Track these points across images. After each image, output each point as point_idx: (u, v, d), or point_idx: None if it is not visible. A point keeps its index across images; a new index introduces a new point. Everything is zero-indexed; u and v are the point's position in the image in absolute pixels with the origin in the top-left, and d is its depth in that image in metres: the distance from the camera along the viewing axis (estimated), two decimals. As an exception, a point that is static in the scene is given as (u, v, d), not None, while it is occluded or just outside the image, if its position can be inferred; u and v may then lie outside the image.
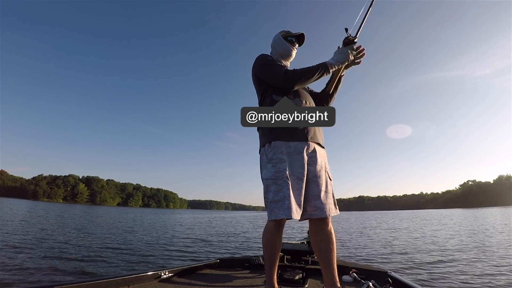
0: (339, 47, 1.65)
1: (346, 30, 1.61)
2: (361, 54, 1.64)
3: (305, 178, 1.48)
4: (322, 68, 1.54)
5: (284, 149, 1.50)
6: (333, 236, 1.52)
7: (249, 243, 8.30)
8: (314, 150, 1.55)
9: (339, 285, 1.47)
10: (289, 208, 1.39)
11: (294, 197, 1.43)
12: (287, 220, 1.51)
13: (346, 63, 1.60)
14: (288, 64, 1.81)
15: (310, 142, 1.54)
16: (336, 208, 1.55)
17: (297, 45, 1.79)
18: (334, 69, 1.58)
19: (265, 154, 1.55)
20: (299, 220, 1.49)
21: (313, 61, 1.61)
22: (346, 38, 1.62)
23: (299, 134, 1.52)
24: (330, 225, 1.52)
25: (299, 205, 1.44)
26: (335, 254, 1.51)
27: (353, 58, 1.61)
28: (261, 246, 1.61)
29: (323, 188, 1.51)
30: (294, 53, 1.77)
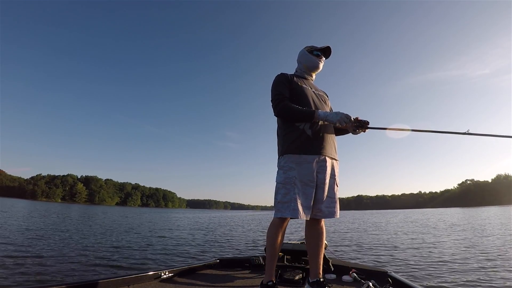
0: (356, 117, 1.73)
1: (366, 122, 1.73)
2: (359, 131, 1.78)
3: (315, 184, 1.66)
4: (308, 115, 1.66)
5: (295, 159, 1.68)
6: (323, 233, 1.77)
7: (249, 243, 8.27)
8: (324, 160, 1.70)
9: (320, 276, 1.71)
10: (294, 209, 1.60)
11: (300, 200, 1.62)
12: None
13: (338, 125, 1.68)
14: (313, 77, 1.95)
15: (321, 155, 1.69)
16: (336, 212, 1.72)
17: (324, 58, 1.90)
18: (318, 120, 1.68)
19: (279, 162, 1.76)
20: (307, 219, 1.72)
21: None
22: (360, 121, 1.72)
23: (310, 148, 1.68)
24: (322, 224, 1.77)
25: (306, 207, 1.63)
26: (323, 250, 1.76)
27: (345, 126, 1.70)
28: (261, 246, 1.75)
29: (327, 194, 1.70)
30: (321, 65, 1.89)
